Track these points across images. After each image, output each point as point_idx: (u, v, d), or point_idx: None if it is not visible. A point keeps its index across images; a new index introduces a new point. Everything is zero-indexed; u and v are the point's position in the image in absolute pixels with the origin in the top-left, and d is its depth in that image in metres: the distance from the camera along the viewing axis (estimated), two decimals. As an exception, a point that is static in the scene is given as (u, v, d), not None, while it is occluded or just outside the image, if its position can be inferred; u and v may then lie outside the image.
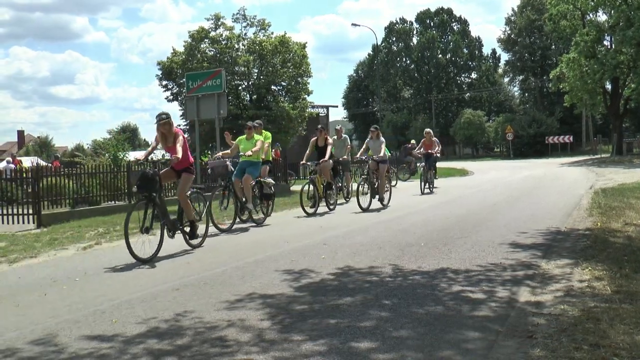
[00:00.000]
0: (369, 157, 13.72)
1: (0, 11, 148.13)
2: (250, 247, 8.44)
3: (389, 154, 19.22)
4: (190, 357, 3.88)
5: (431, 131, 19.12)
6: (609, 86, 41.87)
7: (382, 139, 13.95)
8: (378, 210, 12.96)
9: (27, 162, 30.42)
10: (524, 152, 55.71)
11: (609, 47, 39.75)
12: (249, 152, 10.79)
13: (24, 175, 14.91)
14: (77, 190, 14.75)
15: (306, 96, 24.69)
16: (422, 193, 16.88)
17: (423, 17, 78.44)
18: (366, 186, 13.42)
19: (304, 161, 13.66)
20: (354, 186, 14.97)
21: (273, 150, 25.76)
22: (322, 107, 46.80)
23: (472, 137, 66.86)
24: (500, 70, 78.11)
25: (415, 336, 4.12)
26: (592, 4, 37.25)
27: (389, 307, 4.89)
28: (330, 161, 13.11)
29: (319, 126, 13.94)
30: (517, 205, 12.76)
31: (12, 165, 23.18)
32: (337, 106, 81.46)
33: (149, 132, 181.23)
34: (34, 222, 12.75)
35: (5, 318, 5.05)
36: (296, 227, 10.77)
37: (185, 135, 9.08)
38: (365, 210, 12.49)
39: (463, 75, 78.88)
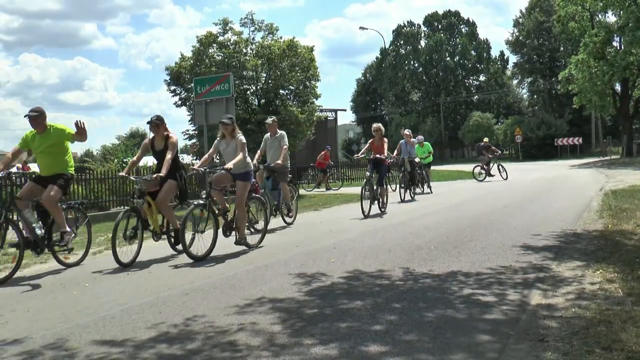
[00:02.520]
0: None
1: (10, 19, 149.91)
2: (260, 251, 8.44)
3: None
4: (200, 361, 3.88)
5: (382, 127, 13.73)
6: (618, 87, 41.68)
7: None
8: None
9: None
10: (533, 154, 55.50)
11: (618, 48, 39.59)
12: None
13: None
14: (86, 195, 14.81)
15: (314, 100, 24.68)
16: (365, 216, 12.08)
17: (431, 19, 78.49)
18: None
19: (123, 173, 8.73)
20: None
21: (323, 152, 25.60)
22: (331, 110, 46.82)
23: (480, 140, 66.63)
24: (508, 73, 77.92)
25: (426, 340, 4.10)
26: (601, 4, 37.09)
27: (399, 310, 4.87)
28: (176, 175, 8.30)
29: (153, 117, 8.51)
30: (527, 208, 12.69)
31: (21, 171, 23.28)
32: (345, 110, 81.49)
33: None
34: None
35: (16, 323, 5.06)
36: (306, 230, 10.75)
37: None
38: (196, 259, 7.77)
39: (471, 77, 78.83)
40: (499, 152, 23.45)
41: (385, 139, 13.61)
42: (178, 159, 8.63)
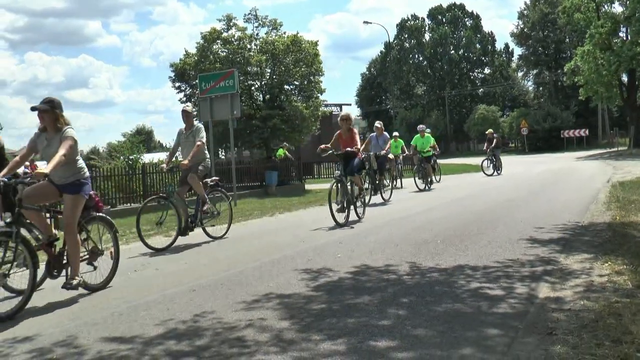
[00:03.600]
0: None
1: (15, 18, 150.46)
2: (267, 247, 8.44)
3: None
4: (209, 357, 3.89)
5: (350, 116, 11.58)
6: (625, 78, 41.42)
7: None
8: (385, 208, 12.84)
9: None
10: (539, 146, 55.26)
11: (624, 38, 39.33)
12: None
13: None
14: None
15: (319, 95, 24.65)
16: (339, 224, 10.09)
17: (435, 13, 78.14)
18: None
19: None
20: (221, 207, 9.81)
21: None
22: (336, 105, 46.75)
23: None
24: (513, 65, 77.56)
25: (434, 334, 4.09)
26: (607, -5, 36.90)
27: (406, 305, 4.86)
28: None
29: None
30: (534, 201, 12.65)
31: (29, 170, 23.39)
32: (350, 104, 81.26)
33: (163, 134, 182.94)
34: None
35: (26, 321, 5.08)
36: (312, 225, 10.74)
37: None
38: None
39: (476, 70, 78.48)
40: (492, 145, 23.12)
41: (356, 130, 11.39)
42: (4, 161, 6.58)
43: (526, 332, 4.06)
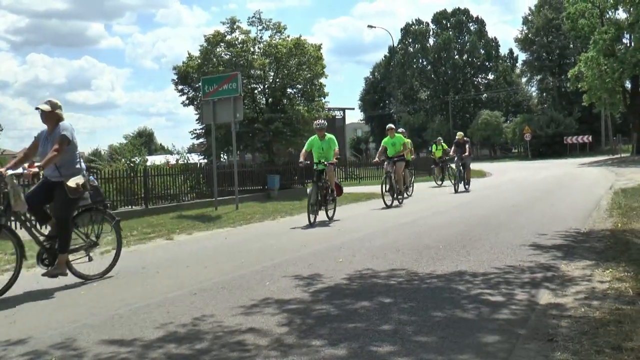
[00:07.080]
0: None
1: (17, 18, 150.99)
2: (268, 251, 8.43)
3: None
4: (208, 361, 3.88)
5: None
6: (628, 85, 41.40)
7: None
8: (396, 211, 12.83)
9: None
10: (542, 152, 55.29)
11: (628, 45, 39.34)
12: None
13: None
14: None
15: (322, 98, 24.65)
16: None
17: (439, 17, 78.30)
18: None
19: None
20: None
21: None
22: (339, 109, 46.80)
23: (489, 138, 66.42)
24: (517, 71, 77.61)
25: (435, 340, 4.08)
26: (612, 1, 36.91)
27: (407, 310, 4.84)
28: None
29: None
30: (536, 207, 12.63)
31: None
32: (353, 108, 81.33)
33: (164, 137, 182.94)
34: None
35: (24, 323, 5.08)
36: (314, 230, 10.74)
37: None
38: None
39: (480, 76, 78.62)
40: (464, 153, 19.26)
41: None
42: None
43: (527, 338, 4.05)
